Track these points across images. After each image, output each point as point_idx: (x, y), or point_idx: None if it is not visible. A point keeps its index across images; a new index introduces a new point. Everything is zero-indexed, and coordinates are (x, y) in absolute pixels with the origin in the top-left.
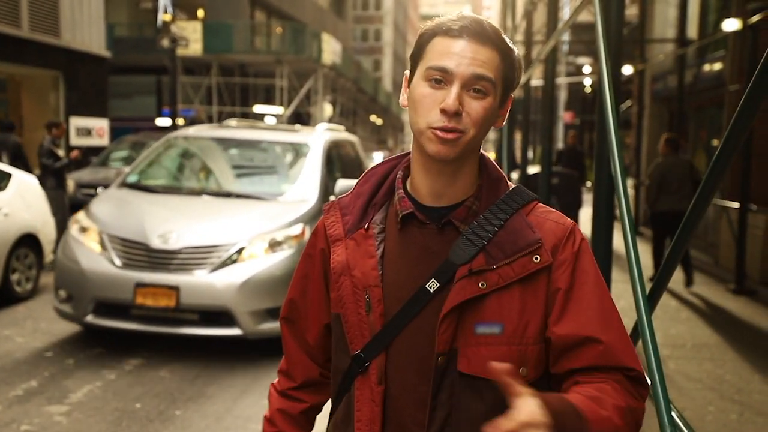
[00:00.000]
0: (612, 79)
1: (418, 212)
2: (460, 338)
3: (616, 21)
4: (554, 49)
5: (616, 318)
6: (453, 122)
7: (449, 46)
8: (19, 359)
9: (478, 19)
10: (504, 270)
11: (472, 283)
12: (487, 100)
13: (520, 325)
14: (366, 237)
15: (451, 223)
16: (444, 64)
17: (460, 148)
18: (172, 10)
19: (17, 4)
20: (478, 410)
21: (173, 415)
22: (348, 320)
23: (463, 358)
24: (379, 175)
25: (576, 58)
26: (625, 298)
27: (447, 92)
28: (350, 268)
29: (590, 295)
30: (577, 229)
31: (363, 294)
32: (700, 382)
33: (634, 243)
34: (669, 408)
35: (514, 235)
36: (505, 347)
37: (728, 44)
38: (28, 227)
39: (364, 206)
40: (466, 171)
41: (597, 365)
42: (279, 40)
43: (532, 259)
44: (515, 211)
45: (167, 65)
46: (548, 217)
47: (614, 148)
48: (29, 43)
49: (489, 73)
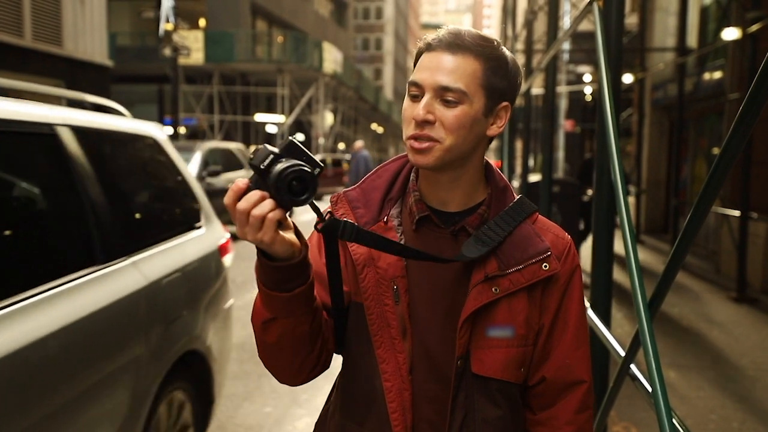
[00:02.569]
0: (612, 87)
1: (433, 215)
2: (472, 341)
3: (616, 30)
4: (555, 58)
5: (585, 339)
6: (425, 130)
7: (425, 61)
8: None
9: (457, 31)
10: (515, 276)
11: (487, 288)
12: (459, 108)
13: (527, 328)
14: (387, 230)
15: (465, 230)
16: (416, 78)
17: (436, 157)
18: (174, 19)
19: (20, 14)
20: (493, 414)
21: None
22: (372, 311)
23: (477, 361)
24: (392, 172)
25: (576, 67)
26: (627, 306)
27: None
28: (374, 259)
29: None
30: (574, 245)
31: (389, 285)
32: (702, 390)
33: (634, 250)
34: (670, 415)
35: (524, 243)
36: (514, 350)
37: (728, 53)
38: None
39: (380, 200)
40: (466, 179)
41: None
42: (280, 49)
43: (542, 266)
44: (523, 220)
45: (169, 74)
46: (550, 229)
47: (614, 156)
48: (32, 53)
49: (457, 82)
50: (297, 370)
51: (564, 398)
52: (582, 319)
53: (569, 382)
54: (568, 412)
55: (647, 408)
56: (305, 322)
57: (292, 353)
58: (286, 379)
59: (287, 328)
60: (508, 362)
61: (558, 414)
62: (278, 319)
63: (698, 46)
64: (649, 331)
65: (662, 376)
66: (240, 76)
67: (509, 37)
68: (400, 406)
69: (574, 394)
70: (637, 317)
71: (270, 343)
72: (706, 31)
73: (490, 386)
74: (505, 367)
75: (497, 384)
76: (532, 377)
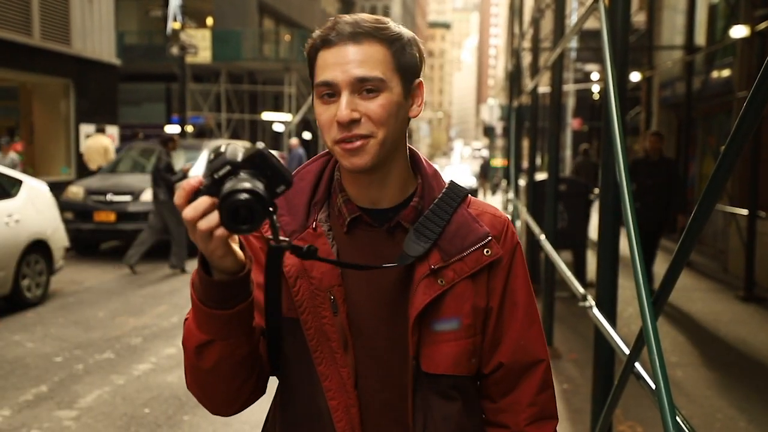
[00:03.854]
0: (618, 86)
1: (365, 215)
2: (421, 338)
3: (622, 28)
4: (561, 56)
5: (536, 316)
6: (354, 130)
7: (328, 58)
8: (29, 364)
9: (352, 20)
10: (458, 265)
11: (433, 281)
12: (382, 96)
13: (473, 316)
14: (317, 236)
15: (400, 226)
16: (326, 77)
17: (373, 153)
18: (182, 18)
19: (29, 13)
20: (451, 409)
21: (181, 420)
22: (309, 326)
23: (426, 358)
24: (314, 173)
25: (584, 65)
26: (632, 305)
27: (338, 104)
28: (307, 270)
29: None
30: (511, 223)
31: (326, 295)
32: (709, 389)
33: (639, 249)
34: (674, 413)
35: (463, 229)
36: (463, 341)
37: (736, 51)
38: (38, 233)
39: (306, 205)
40: (396, 173)
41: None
42: (287, 48)
43: (483, 252)
44: (458, 205)
45: (176, 73)
46: (486, 209)
47: (619, 155)
48: (40, 52)
49: (373, 71)
50: (233, 397)
51: (524, 380)
52: (529, 297)
53: (527, 363)
54: (530, 393)
55: (653, 407)
56: (245, 343)
57: (230, 379)
58: (219, 407)
59: (225, 352)
60: (458, 356)
61: (519, 398)
62: (216, 342)
63: (706, 44)
64: (653, 329)
65: (666, 374)
66: (247, 75)
67: (516, 35)
68: (349, 425)
69: (534, 374)
70: (641, 316)
71: (205, 369)
72: (715, 28)
73: (443, 383)
74: (455, 361)
75: (450, 380)
76: (486, 365)
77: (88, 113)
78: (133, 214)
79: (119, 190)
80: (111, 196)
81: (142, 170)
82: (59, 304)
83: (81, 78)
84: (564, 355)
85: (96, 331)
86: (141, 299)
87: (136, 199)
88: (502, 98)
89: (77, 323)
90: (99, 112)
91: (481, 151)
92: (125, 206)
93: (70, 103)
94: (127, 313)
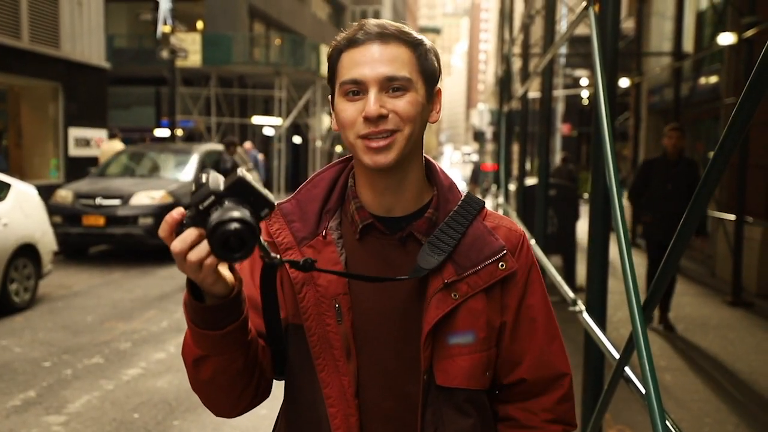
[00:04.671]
0: (607, 91)
1: (378, 223)
2: (435, 352)
3: (612, 34)
4: (551, 62)
5: (557, 331)
6: (380, 126)
7: (355, 57)
8: (17, 369)
9: (379, 23)
10: (472, 279)
11: (446, 295)
12: (409, 95)
13: (488, 330)
14: (326, 244)
15: (413, 236)
16: (354, 75)
17: (398, 149)
18: (172, 21)
19: (18, 16)
20: (465, 424)
21: (171, 425)
22: (313, 333)
23: (440, 372)
24: (328, 180)
25: (573, 71)
26: (622, 310)
27: (366, 101)
28: (314, 277)
29: (540, 314)
30: (527, 237)
31: (331, 303)
32: (697, 393)
33: (629, 254)
34: (663, 417)
35: (478, 242)
36: (478, 354)
37: (724, 58)
38: (26, 237)
39: (317, 213)
40: (412, 179)
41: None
42: (278, 52)
43: (498, 266)
44: (474, 218)
45: (166, 76)
46: (501, 223)
47: (609, 160)
48: (29, 54)
49: (401, 71)
50: (234, 403)
51: (546, 393)
52: (549, 313)
53: (550, 377)
54: (550, 402)
55: (643, 411)
56: (239, 357)
57: (228, 389)
58: (222, 412)
59: (221, 366)
60: (473, 369)
61: (538, 404)
62: (211, 357)
63: (694, 50)
64: (642, 334)
65: (656, 377)
66: (237, 79)
67: (506, 40)
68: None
69: (558, 388)
70: (630, 320)
71: (203, 380)
72: (702, 35)
73: (457, 397)
74: (470, 375)
75: (464, 394)
76: (507, 378)
77: (76, 116)
78: (122, 218)
79: (108, 194)
80: (100, 200)
81: (131, 174)
82: (48, 308)
83: (70, 81)
84: None
85: (85, 336)
86: (130, 304)
87: (125, 203)
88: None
89: (66, 328)
90: (88, 116)
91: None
92: (114, 210)
93: (59, 107)
94: (116, 317)
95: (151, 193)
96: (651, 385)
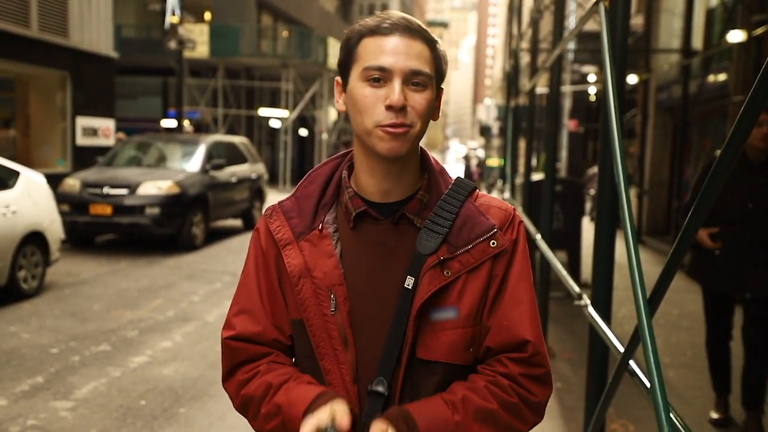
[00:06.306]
0: (616, 88)
1: (371, 209)
2: (420, 327)
3: (622, 30)
4: (560, 58)
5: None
6: (400, 117)
7: (382, 45)
8: (25, 355)
9: (404, 16)
10: (464, 257)
11: (438, 272)
12: (427, 91)
13: (476, 307)
14: (321, 237)
15: (405, 217)
16: (381, 62)
17: (410, 142)
18: (180, 12)
19: (27, 5)
20: (431, 384)
21: (177, 412)
22: (312, 323)
23: (422, 346)
24: (324, 176)
25: (581, 67)
26: (626, 306)
27: (389, 89)
28: (310, 270)
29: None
30: (518, 215)
31: (327, 294)
32: (701, 389)
33: (636, 250)
34: (668, 409)
35: (470, 222)
36: (461, 330)
37: (733, 55)
38: (35, 225)
39: (314, 207)
40: (411, 166)
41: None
42: (285, 44)
43: (489, 244)
44: (465, 199)
45: (174, 67)
46: (492, 203)
47: (617, 157)
48: (38, 43)
49: (425, 67)
50: None
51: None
52: (521, 280)
53: (511, 342)
54: (507, 361)
55: (646, 406)
56: None
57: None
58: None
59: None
60: (454, 344)
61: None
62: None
63: (703, 48)
64: (648, 326)
65: (661, 371)
66: (244, 71)
67: (514, 35)
68: None
69: (521, 354)
70: (636, 315)
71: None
72: (712, 33)
73: (434, 369)
74: (451, 349)
75: (442, 367)
76: (480, 351)
77: (84, 106)
78: (129, 208)
79: (116, 184)
80: (107, 189)
81: (138, 164)
82: (55, 295)
83: (78, 70)
84: (558, 354)
85: (92, 324)
86: (137, 292)
87: (132, 192)
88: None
89: (73, 315)
90: (95, 105)
91: (477, 151)
92: (121, 199)
93: (67, 96)
94: (123, 306)
95: (158, 183)
96: (656, 377)
